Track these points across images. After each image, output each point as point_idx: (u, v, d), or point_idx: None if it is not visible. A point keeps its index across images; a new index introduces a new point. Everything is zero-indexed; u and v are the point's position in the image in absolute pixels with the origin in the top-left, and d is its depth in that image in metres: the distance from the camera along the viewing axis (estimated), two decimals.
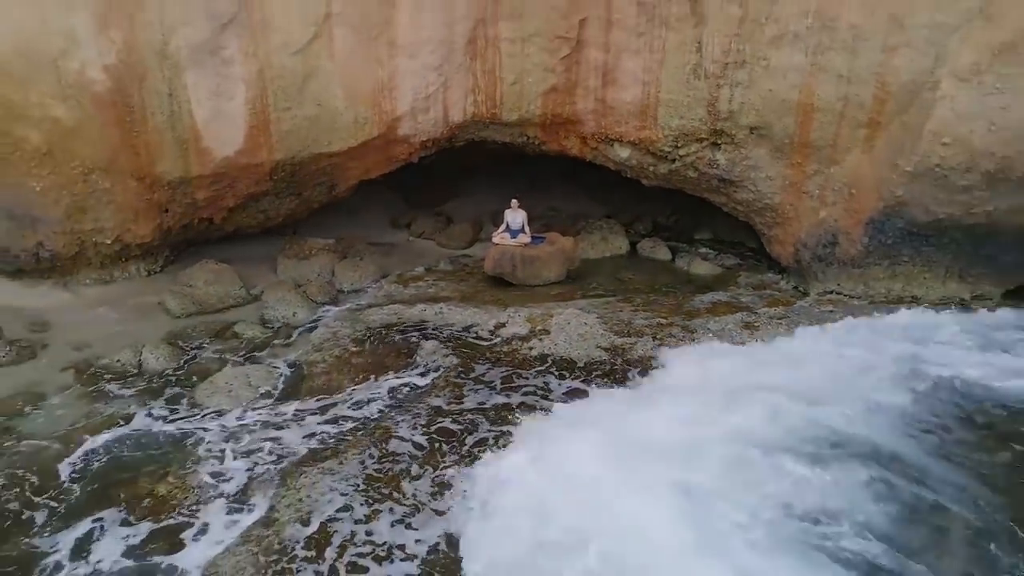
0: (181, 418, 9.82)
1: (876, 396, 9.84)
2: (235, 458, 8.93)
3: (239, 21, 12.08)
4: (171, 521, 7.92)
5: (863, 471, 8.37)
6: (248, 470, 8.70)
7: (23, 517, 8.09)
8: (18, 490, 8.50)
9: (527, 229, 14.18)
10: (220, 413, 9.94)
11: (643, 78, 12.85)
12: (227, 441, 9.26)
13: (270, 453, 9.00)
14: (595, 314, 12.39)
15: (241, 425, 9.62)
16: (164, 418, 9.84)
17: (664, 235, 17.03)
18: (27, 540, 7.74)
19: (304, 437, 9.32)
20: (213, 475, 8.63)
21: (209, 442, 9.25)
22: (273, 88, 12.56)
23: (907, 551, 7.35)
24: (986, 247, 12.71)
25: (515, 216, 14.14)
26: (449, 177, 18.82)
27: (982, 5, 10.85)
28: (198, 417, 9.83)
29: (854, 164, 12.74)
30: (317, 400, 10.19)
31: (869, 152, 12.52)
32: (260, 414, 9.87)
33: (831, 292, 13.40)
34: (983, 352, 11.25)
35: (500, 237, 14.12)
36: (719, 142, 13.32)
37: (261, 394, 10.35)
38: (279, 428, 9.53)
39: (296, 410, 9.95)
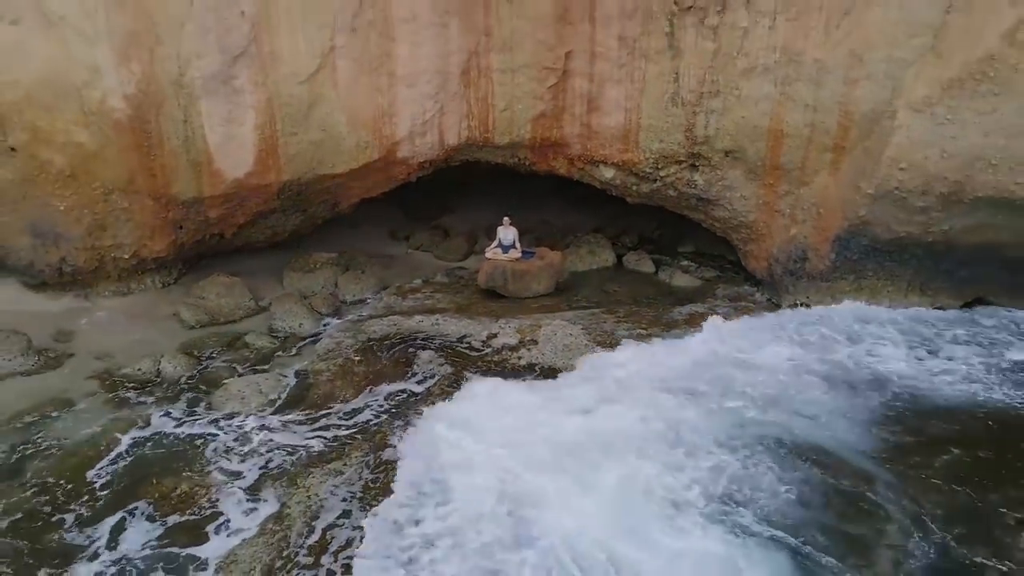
0: (198, 422, 10.77)
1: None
2: (248, 459, 9.89)
3: (249, 53, 13.04)
4: (192, 516, 8.89)
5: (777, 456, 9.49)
6: (261, 468, 9.66)
7: (58, 514, 9.04)
8: (52, 489, 9.46)
9: (518, 245, 15.13)
10: (233, 417, 10.89)
11: (625, 105, 13.80)
12: (240, 443, 10.22)
13: (279, 455, 9.96)
14: (580, 325, 13.34)
15: (252, 429, 10.57)
16: (182, 422, 10.80)
17: (649, 247, 17.98)
18: (62, 534, 8.69)
19: (310, 440, 10.28)
20: (229, 474, 9.59)
21: (224, 444, 10.21)
22: (281, 115, 13.51)
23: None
24: (944, 263, 13.67)
25: (507, 233, 15.10)
26: (446, 191, 19.76)
27: (933, 43, 11.81)
28: (214, 421, 10.78)
29: (821, 185, 13.70)
30: (322, 407, 11.15)
31: (835, 175, 13.48)
32: (270, 419, 10.82)
33: (801, 304, 14.35)
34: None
35: (492, 252, 15.07)
36: (696, 164, 14.27)
37: (271, 400, 11.30)
38: (287, 432, 10.49)
39: (302, 416, 10.91)
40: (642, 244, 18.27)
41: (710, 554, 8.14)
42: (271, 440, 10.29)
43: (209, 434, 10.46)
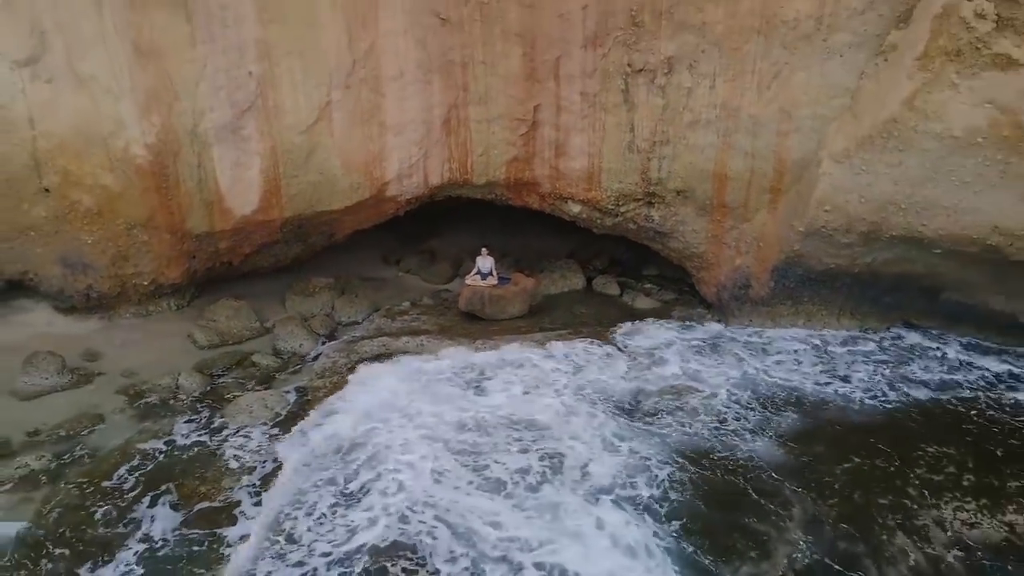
0: (213, 433, 12.54)
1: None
2: (256, 463, 11.67)
3: (256, 107, 14.83)
4: (210, 509, 10.67)
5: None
6: (266, 473, 11.44)
7: (96, 509, 10.81)
8: (90, 489, 11.24)
9: (495, 272, 16.91)
10: (242, 429, 12.67)
11: (588, 151, 15.59)
12: (249, 452, 11.99)
13: (282, 455, 11.76)
14: (546, 352, 15.13)
15: (259, 439, 12.35)
16: (200, 433, 12.58)
17: (618, 270, 19.76)
18: (100, 527, 10.45)
19: (306, 449, 12.08)
20: (239, 476, 11.37)
21: (236, 452, 11.98)
22: (283, 160, 15.30)
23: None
24: (870, 290, 15.48)
25: (484, 262, 16.88)
26: (435, 215, 21.54)
27: (849, 104, 13.60)
28: (227, 432, 12.56)
29: (762, 222, 15.50)
30: (319, 419, 12.95)
31: (773, 213, 15.27)
32: (274, 431, 12.60)
33: (745, 326, 16.14)
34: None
35: (472, 279, 16.86)
36: (652, 201, 16.06)
37: (276, 414, 13.08)
38: (288, 440, 12.29)
39: (302, 428, 12.70)
40: (612, 266, 20.06)
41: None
42: (274, 448, 12.08)
43: (222, 443, 12.23)
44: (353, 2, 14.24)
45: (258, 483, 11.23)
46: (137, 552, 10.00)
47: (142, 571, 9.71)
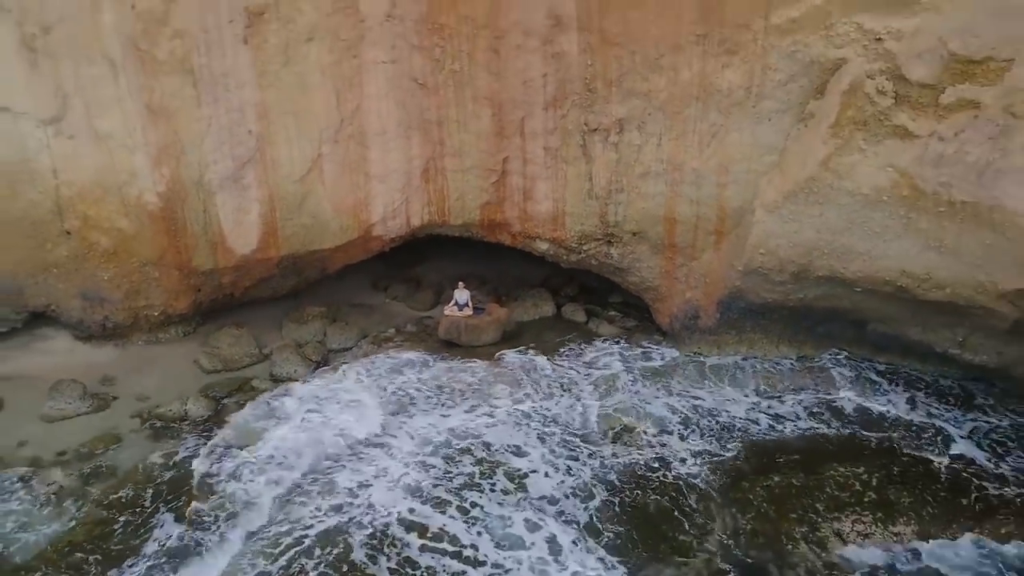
0: (222, 457, 14.30)
1: None
2: (255, 479, 13.49)
3: (255, 160, 16.65)
4: (219, 528, 12.50)
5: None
6: (265, 484, 13.27)
7: (117, 519, 12.66)
8: (112, 503, 13.07)
9: (470, 304, 18.72)
10: (246, 446, 14.46)
11: (552, 196, 17.39)
12: (252, 467, 13.79)
13: (281, 469, 13.60)
14: (514, 376, 16.97)
15: (260, 455, 14.17)
16: (209, 452, 14.36)
17: (587, 296, 21.55)
18: (120, 534, 12.31)
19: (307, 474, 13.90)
20: (242, 490, 13.18)
21: (239, 470, 13.78)
22: (279, 205, 17.12)
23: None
24: (805, 321, 17.29)
25: (461, 294, 18.71)
26: (420, 244, 23.28)
27: (778, 161, 15.43)
28: (231, 451, 14.37)
29: (708, 260, 17.32)
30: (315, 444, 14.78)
31: (717, 253, 17.09)
32: (273, 447, 14.41)
33: (694, 352, 17.96)
34: None
35: (450, 310, 18.68)
36: (611, 241, 17.87)
37: (276, 437, 14.88)
38: (288, 463, 14.13)
39: (295, 442, 14.53)
40: (582, 293, 21.82)
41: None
42: (271, 464, 13.91)
43: (233, 466, 13.98)
44: (340, 69, 16.06)
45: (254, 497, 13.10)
46: (152, 552, 11.89)
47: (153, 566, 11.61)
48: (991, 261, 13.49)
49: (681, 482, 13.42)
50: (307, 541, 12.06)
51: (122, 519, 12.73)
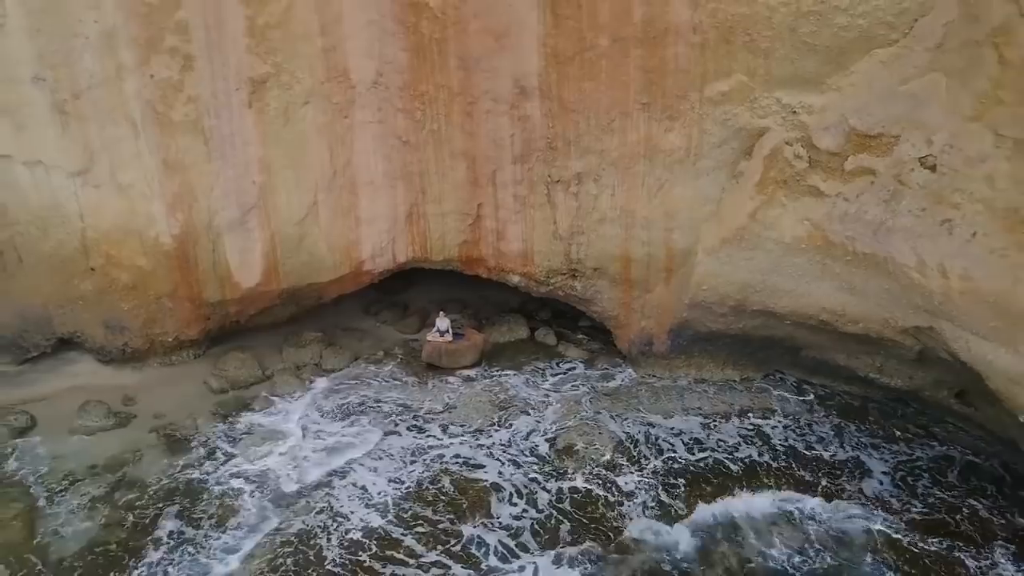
0: (230, 466, 16.55)
1: None
2: (263, 490, 15.73)
3: (258, 206, 18.85)
4: (228, 530, 14.73)
5: None
6: (273, 493, 15.52)
7: (139, 522, 14.88)
8: (134, 507, 15.29)
9: (450, 330, 20.95)
10: (249, 461, 16.71)
11: (522, 237, 19.58)
12: (258, 481, 16.03)
13: (285, 487, 15.83)
14: (489, 394, 19.20)
15: (267, 469, 16.40)
16: (218, 465, 16.61)
17: (559, 320, 23.74)
18: (140, 536, 14.53)
19: (302, 482, 16.12)
20: (253, 497, 15.43)
21: (250, 480, 16.01)
22: (280, 245, 19.32)
23: None
24: (746, 348, 19.48)
25: (442, 322, 20.94)
26: (408, 272, 25.48)
27: (715, 210, 17.65)
28: (240, 464, 16.60)
29: (660, 294, 19.51)
30: (309, 454, 17.00)
31: (667, 287, 19.29)
32: (278, 463, 16.65)
33: (649, 374, 20.17)
34: None
35: (432, 336, 20.90)
36: (575, 275, 20.06)
37: (277, 450, 17.13)
38: (287, 472, 16.35)
39: (296, 460, 16.76)
40: (555, 317, 24.03)
41: None
42: (275, 473, 16.17)
43: (239, 473, 16.25)
44: (333, 128, 18.28)
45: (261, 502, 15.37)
46: (167, 558, 14.14)
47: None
48: (891, 302, 15.69)
49: (619, 493, 15.63)
50: (291, 537, 14.35)
51: (142, 520, 14.97)
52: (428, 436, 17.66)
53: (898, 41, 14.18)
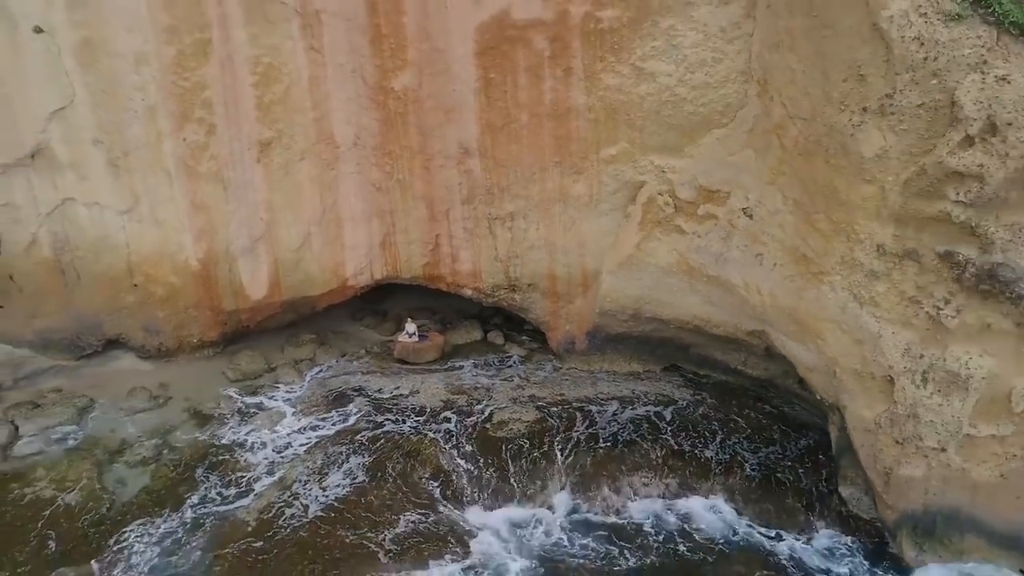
0: (244, 434, 22.00)
1: None
2: (270, 451, 21.18)
3: (265, 237, 24.29)
4: (244, 478, 20.17)
5: None
6: (277, 453, 20.99)
7: (179, 478, 20.31)
8: (174, 468, 20.70)
9: (417, 333, 26.40)
10: (259, 430, 22.15)
11: (473, 260, 24.97)
12: (266, 445, 21.47)
13: (286, 449, 21.29)
14: (445, 382, 24.69)
15: (273, 437, 21.86)
16: (235, 433, 22.04)
17: (509, 324, 29.13)
18: (181, 489, 19.94)
19: (302, 444, 21.57)
20: (262, 456, 20.90)
21: (260, 445, 21.48)
22: (281, 267, 24.75)
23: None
24: (646, 346, 24.90)
25: (410, 326, 26.42)
26: (387, 285, 30.91)
27: (614, 241, 23.07)
28: (253, 433, 22.06)
29: (579, 304, 24.93)
30: (305, 426, 22.45)
31: (584, 299, 24.71)
32: (281, 432, 22.11)
33: (572, 367, 25.60)
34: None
35: (403, 338, 26.37)
36: (514, 289, 25.45)
37: (280, 422, 22.58)
38: (289, 438, 21.80)
39: (294, 430, 22.21)
40: (506, 321, 29.42)
41: None
42: (282, 442, 21.62)
43: (252, 440, 21.71)
44: (323, 178, 23.73)
45: (268, 463, 20.84)
46: (204, 504, 19.58)
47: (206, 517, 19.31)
48: (736, 312, 21.15)
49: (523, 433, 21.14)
50: (290, 483, 19.81)
51: (181, 473, 20.42)
52: (396, 412, 23.07)
53: (727, 125, 19.64)
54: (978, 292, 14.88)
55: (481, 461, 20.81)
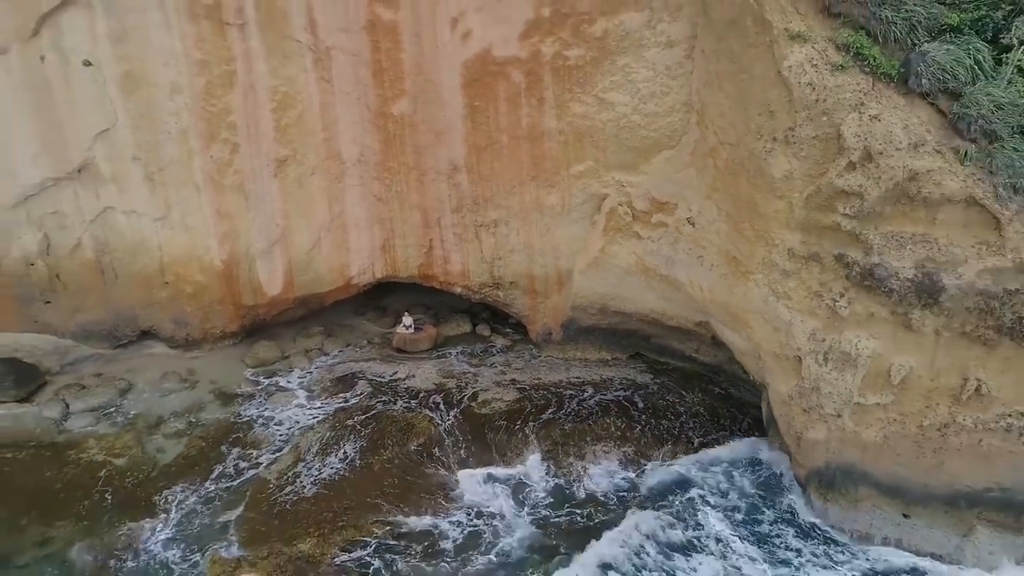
0: (265, 411, 25.55)
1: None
2: (286, 425, 24.75)
3: (280, 241, 27.84)
4: (264, 447, 23.74)
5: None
6: (292, 426, 24.56)
7: (208, 449, 23.85)
8: (205, 441, 24.25)
9: (413, 325, 29.97)
10: (276, 408, 25.71)
11: (462, 261, 28.50)
12: (283, 422, 25.04)
13: (299, 423, 24.84)
14: (437, 368, 28.25)
15: (287, 414, 25.44)
16: (255, 411, 25.60)
17: (496, 318, 32.68)
18: (211, 461, 23.50)
19: (313, 418, 25.12)
20: (279, 429, 24.46)
21: (276, 420, 25.04)
22: (295, 267, 28.30)
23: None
24: (613, 336, 28.44)
25: (407, 319, 29.99)
26: (388, 283, 34.45)
27: (584, 245, 26.64)
28: (271, 410, 25.63)
29: (555, 300, 28.49)
30: (315, 405, 26.01)
31: (559, 295, 28.26)
32: (294, 409, 25.67)
33: (548, 355, 29.15)
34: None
35: (400, 329, 29.94)
36: (499, 287, 28.99)
37: (294, 401, 26.14)
38: (301, 415, 25.35)
39: (306, 408, 25.76)
40: (493, 316, 32.98)
41: None
42: (295, 418, 25.17)
43: (270, 416, 25.29)
44: (331, 190, 27.30)
45: (284, 437, 24.41)
46: (232, 467, 23.14)
47: (234, 478, 22.88)
48: (685, 306, 24.73)
49: (504, 410, 24.67)
50: (302, 453, 23.37)
51: (210, 444, 23.97)
52: (394, 393, 26.63)
53: (673, 147, 23.21)
54: (863, 287, 18.41)
55: (467, 432, 24.37)
